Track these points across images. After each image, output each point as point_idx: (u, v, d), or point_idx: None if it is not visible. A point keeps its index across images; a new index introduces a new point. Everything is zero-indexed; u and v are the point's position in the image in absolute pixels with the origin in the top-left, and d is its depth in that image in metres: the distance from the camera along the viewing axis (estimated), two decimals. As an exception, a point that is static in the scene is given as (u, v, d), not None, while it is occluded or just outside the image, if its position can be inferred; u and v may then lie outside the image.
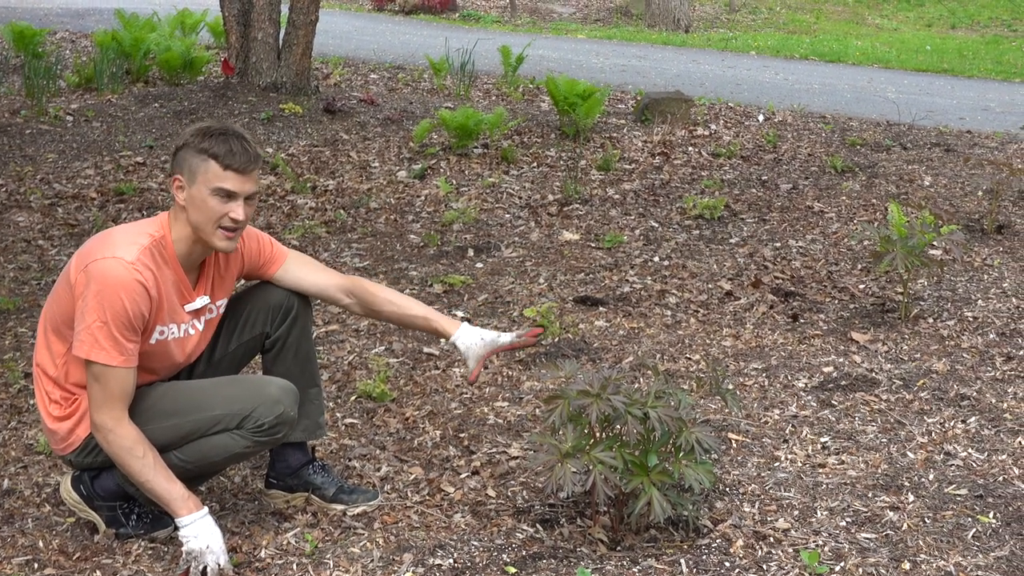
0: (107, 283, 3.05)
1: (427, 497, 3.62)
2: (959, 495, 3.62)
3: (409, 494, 3.64)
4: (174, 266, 3.21)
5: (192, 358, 3.39)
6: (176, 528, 3.38)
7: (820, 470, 3.80)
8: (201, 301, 3.30)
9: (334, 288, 3.50)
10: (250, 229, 3.44)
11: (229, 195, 3.16)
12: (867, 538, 3.36)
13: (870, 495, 3.61)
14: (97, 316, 3.05)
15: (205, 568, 3.09)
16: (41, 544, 3.33)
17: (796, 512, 3.50)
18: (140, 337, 3.14)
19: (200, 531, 3.11)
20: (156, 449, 3.16)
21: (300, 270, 3.49)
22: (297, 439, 3.54)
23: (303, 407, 3.48)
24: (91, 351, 3.07)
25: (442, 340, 3.59)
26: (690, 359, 4.78)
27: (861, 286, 5.68)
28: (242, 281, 3.57)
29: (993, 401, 4.33)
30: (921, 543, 3.33)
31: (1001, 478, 3.73)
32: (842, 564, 3.21)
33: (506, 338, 3.47)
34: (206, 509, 3.15)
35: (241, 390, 3.26)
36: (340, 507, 3.52)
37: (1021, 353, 4.79)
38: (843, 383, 4.51)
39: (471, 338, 3.47)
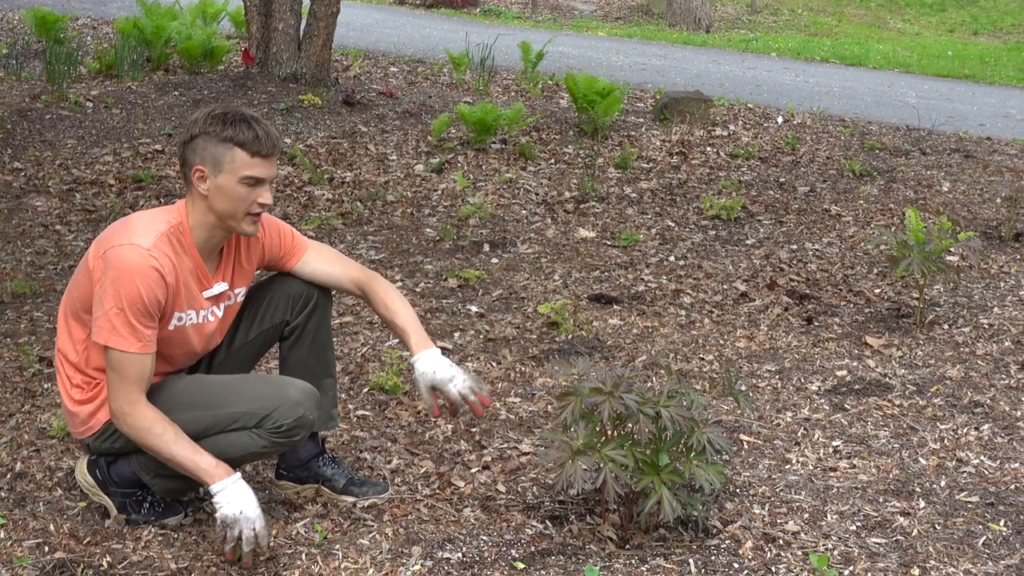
0: (123, 270, 3.06)
1: (437, 491, 3.62)
2: (970, 502, 3.61)
3: (419, 487, 3.65)
4: (192, 253, 3.21)
5: (211, 346, 3.40)
6: (186, 515, 3.40)
7: (831, 473, 3.79)
8: (219, 287, 3.30)
9: (348, 281, 3.49)
10: (271, 220, 3.43)
11: (257, 181, 3.16)
12: (877, 543, 3.35)
13: (881, 500, 3.60)
14: (114, 303, 3.06)
15: (241, 534, 3.07)
16: (52, 528, 3.34)
17: (806, 515, 3.50)
18: (157, 323, 3.14)
19: (232, 496, 3.08)
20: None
21: (318, 263, 3.48)
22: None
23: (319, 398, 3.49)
24: (109, 337, 3.08)
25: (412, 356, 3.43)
26: (703, 359, 4.77)
27: (877, 291, 5.67)
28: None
29: (1007, 409, 4.32)
30: (931, 549, 3.32)
31: (1013, 486, 3.72)
32: (851, 568, 3.21)
33: (455, 388, 3.30)
34: (238, 474, 3.12)
35: (263, 390, 3.25)
36: (350, 499, 3.52)
37: (1036, 361, 4.78)
38: (856, 387, 4.50)
39: (428, 366, 3.33)
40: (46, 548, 3.24)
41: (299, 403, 3.21)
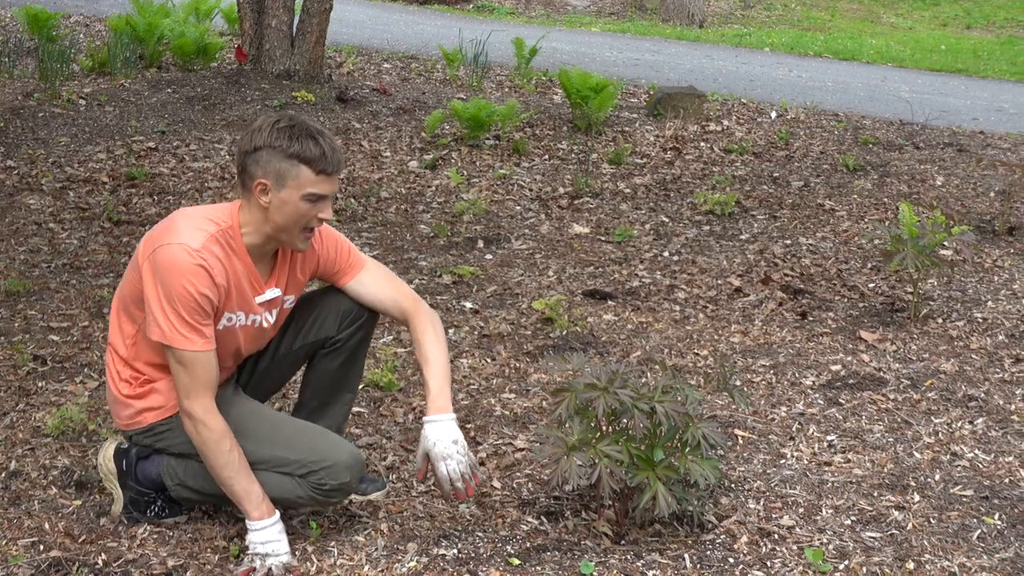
0: (172, 270, 3.03)
1: (432, 487, 3.62)
2: (965, 496, 3.61)
3: (415, 484, 3.64)
4: (243, 256, 3.17)
5: (256, 349, 3.39)
6: (182, 510, 3.40)
7: (826, 468, 3.79)
8: (272, 293, 3.27)
9: (395, 308, 3.42)
10: (331, 232, 3.38)
11: (320, 198, 3.12)
12: (872, 537, 3.36)
13: (876, 494, 3.61)
14: (167, 303, 3.04)
15: (270, 571, 3.09)
16: (47, 526, 3.34)
17: (801, 510, 3.50)
18: (212, 321, 3.12)
19: (269, 538, 3.11)
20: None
21: (371, 285, 3.42)
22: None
23: (331, 407, 3.50)
24: (168, 337, 3.05)
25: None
26: (698, 355, 4.78)
27: (871, 285, 5.67)
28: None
29: (1001, 403, 4.32)
30: (926, 543, 3.32)
31: (1007, 480, 3.73)
32: (846, 563, 3.21)
33: (445, 469, 3.19)
34: (277, 515, 3.15)
35: (320, 445, 3.22)
36: (348, 496, 3.52)
37: (1030, 355, 4.78)
38: (851, 381, 4.50)
39: (433, 434, 3.22)
40: (41, 547, 3.23)
41: (349, 468, 3.19)
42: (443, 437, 3.22)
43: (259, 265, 3.23)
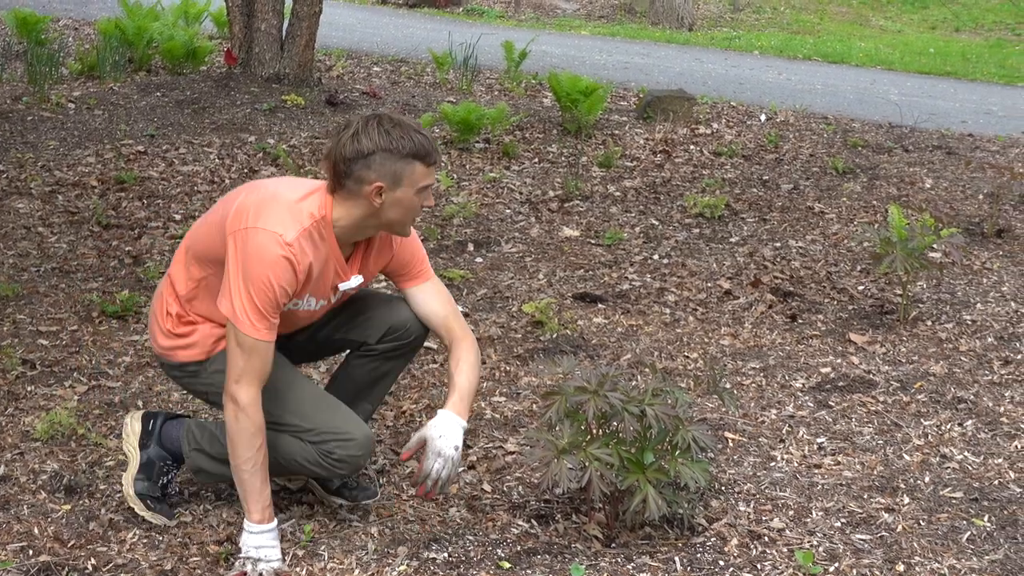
0: (260, 258, 3.02)
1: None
2: (954, 498, 3.62)
3: (405, 487, 3.64)
4: (332, 246, 3.16)
5: (304, 326, 3.41)
6: (171, 518, 3.40)
7: (816, 470, 3.80)
8: (355, 280, 3.28)
9: (443, 328, 3.43)
10: (414, 237, 3.40)
11: (427, 188, 3.16)
12: (862, 539, 3.36)
13: (865, 496, 3.61)
14: (244, 286, 3.03)
15: (261, 574, 3.10)
16: (36, 531, 3.33)
17: (791, 512, 3.51)
18: (280, 312, 3.13)
19: (263, 543, 3.13)
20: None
21: (429, 300, 3.43)
22: None
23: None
24: (237, 317, 3.04)
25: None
26: (688, 357, 4.78)
27: (860, 287, 5.69)
28: None
29: (990, 404, 4.33)
30: (916, 545, 3.33)
31: (997, 482, 3.74)
32: (836, 565, 3.22)
33: (432, 463, 3.20)
34: (275, 522, 3.16)
35: (338, 417, 3.24)
36: (340, 500, 3.52)
37: (1019, 357, 4.79)
38: (840, 384, 4.51)
39: (442, 427, 3.23)
40: (30, 551, 3.22)
41: (362, 445, 3.22)
42: (449, 437, 3.22)
43: (343, 250, 3.23)
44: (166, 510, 3.42)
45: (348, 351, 3.58)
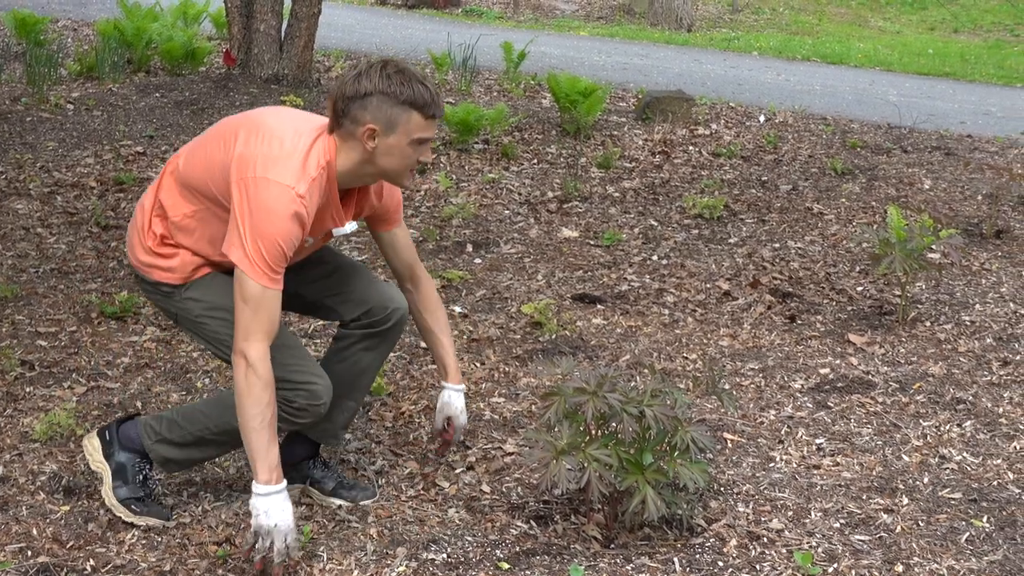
0: (271, 212, 3.00)
1: (422, 492, 3.62)
2: (953, 499, 3.62)
3: (404, 488, 3.64)
4: (333, 193, 3.17)
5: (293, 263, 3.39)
6: (169, 520, 3.39)
7: (815, 471, 3.80)
8: (350, 226, 3.29)
9: (407, 269, 3.54)
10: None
11: (425, 141, 3.15)
12: (860, 540, 3.36)
13: (864, 497, 3.61)
14: (252, 236, 3.01)
15: (272, 545, 3.03)
16: (35, 532, 3.33)
17: (790, 513, 3.51)
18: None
19: (272, 507, 3.04)
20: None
21: (401, 241, 3.52)
22: (312, 436, 3.54)
23: (333, 412, 3.48)
24: (246, 266, 3.02)
25: (442, 381, 3.63)
26: (687, 358, 4.78)
27: (859, 288, 5.69)
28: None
29: (989, 405, 4.34)
30: (914, 546, 3.33)
31: (995, 482, 3.74)
32: (835, 566, 3.22)
33: (457, 437, 3.67)
34: (284, 483, 3.08)
35: (305, 365, 3.24)
36: (338, 501, 3.52)
37: (1018, 358, 4.80)
38: (839, 385, 4.51)
39: (460, 404, 3.61)
40: (29, 552, 3.22)
41: (323, 394, 3.23)
42: (463, 408, 3.62)
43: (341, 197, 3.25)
44: (157, 510, 3.41)
45: (332, 343, 3.57)
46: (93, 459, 3.45)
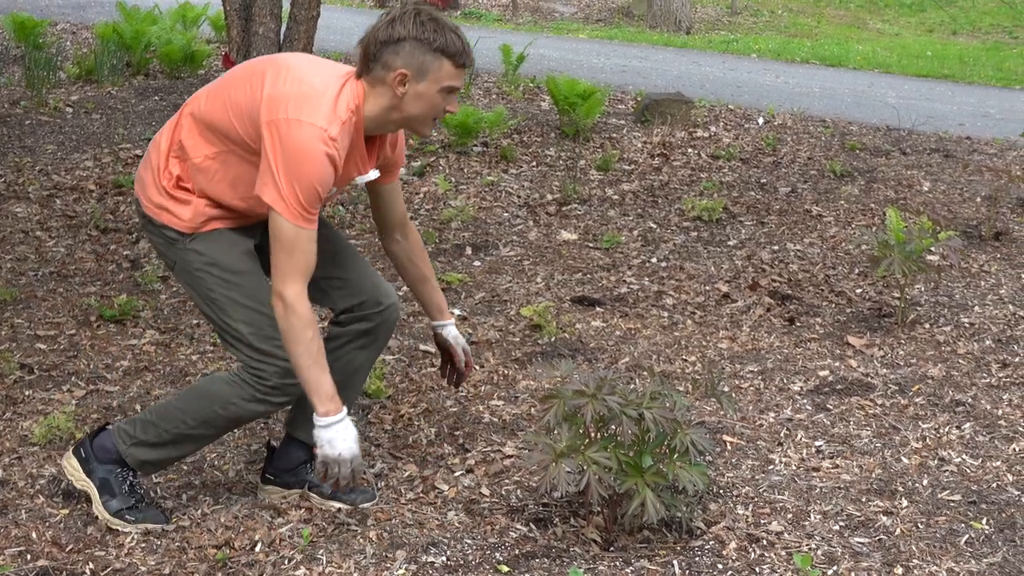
0: (304, 155, 3.02)
1: (421, 495, 3.62)
2: (953, 501, 3.62)
3: (403, 491, 3.64)
4: (359, 139, 3.18)
5: None
6: (168, 522, 3.39)
7: (814, 474, 3.80)
8: (373, 174, 3.30)
9: (399, 222, 3.56)
10: (403, 139, 3.47)
11: (453, 90, 3.16)
12: (860, 542, 3.36)
13: (864, 499, 3.61)
14: (287, 178, 3.02)
15: (339, 471, 3.12)
16: (34, 535, 3.33)
17: (790, 515, 3.51)
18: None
19: (335, 436, 3.12)
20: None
21: (397, 191, 3.54)
22: (305, 439, 3.54)
23: None
24: (283, 208, 3.04)
25: (436, 322, 3.71)
26: (686, 361, 4.78)
27: (858, 290, 5.69)
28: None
29: (988, 407, 4.33)
30: (914, 548, 3.33)
31: (995, 484, 3.74)
32: (835, 568, 3.22)
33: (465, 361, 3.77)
34: (345, 410, 3.15)
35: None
36: (337, 505, 3.52)
37: (1017, 360, 4.80)
38: (839, 387, 4.51)
39: (457, 332, 3.75)
40: (28, 556, 3.22)
41: (295, 379, 3.19)
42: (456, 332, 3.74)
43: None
44: (153, 514, 3.40)
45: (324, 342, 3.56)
46: (76, 478, 3.42)
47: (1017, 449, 3.99)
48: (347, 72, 3.18)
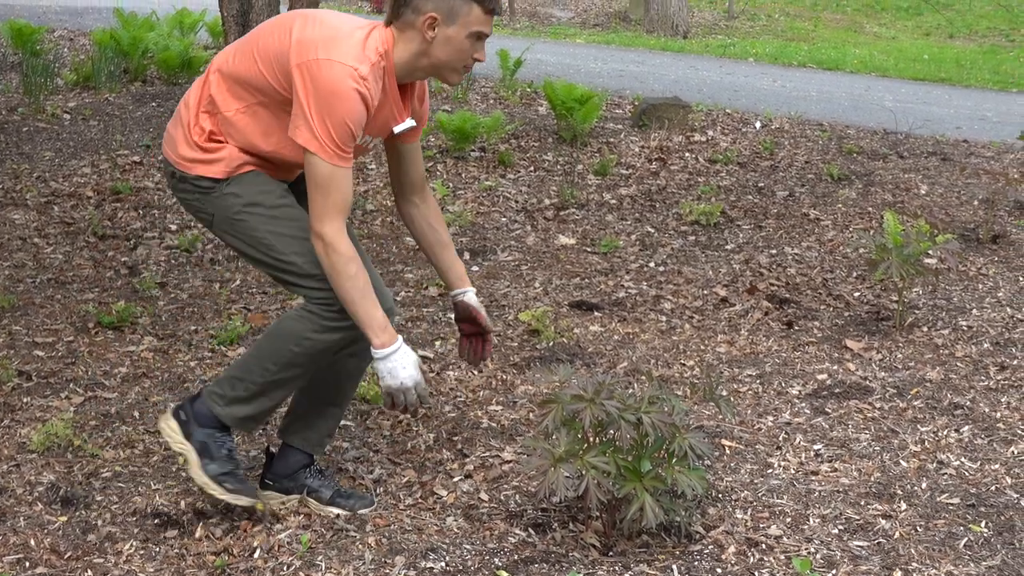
0: (335, 92, 3.05)
1: (420, 500, 3.62)
2: (951, 504, 3.62)
3: (402, 497, 3.64)
4: (392, 86, 3.21)
5: None
6: (258, 502, 3.41)
7: (813, 477, 3.80)
8: (408, 123, 3.32)
9: (419, 183, 3.56)
10: (428, 101, 3.49)
11: (481, 36, 3.19)
12: (859, 546, 3.36)
13: (863, 503, 3.61)
14: (319, 118, 3.06)
15: (405, 398, 3.19)
16: (33, 543, 3.32)
17: (788, 519, 3.51)
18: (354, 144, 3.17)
19: (395, 365, 3.19)
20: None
21: (415, 160, 3.53)
22: (300, 446, 3.53)
23: (318, 419, 3.48)
24: (317, 147, 3.08)
25: (457, 290, 3.66)
26: (684, 365, 4.78)
27: (856, 294, 5.69)
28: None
29: (986, 410, 4.34)
30: (913, 551, 3.33)
31: (994, 487, 3.74)
32: (834, 572, 3.22)
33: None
34: (399, 340, 3.20)
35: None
36: (336, 510, 3.51)
37: (1015, 363, 4.80)
38: (837, 391, 4.51)
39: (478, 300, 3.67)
40: (27, 563, 3.22)
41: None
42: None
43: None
44: (248, 488, 3.38)
45: None
46: (174, 440, 3.39)
47: (1015, 452, 3.99)
48: (373, 22, 3.23)
